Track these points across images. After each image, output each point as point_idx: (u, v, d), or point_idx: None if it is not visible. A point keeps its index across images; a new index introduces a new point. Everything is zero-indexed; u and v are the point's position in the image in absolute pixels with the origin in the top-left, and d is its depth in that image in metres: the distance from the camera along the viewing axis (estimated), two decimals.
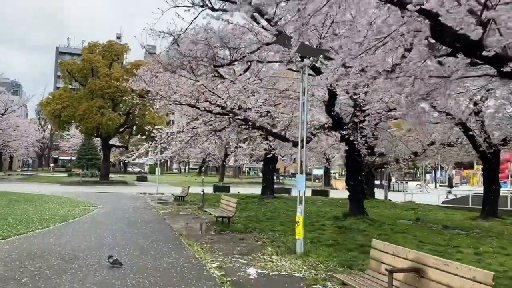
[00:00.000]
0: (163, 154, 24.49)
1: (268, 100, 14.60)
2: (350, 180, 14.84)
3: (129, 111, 36.50)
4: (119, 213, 16.16)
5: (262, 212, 17.58)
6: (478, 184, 74.18)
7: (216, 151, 42.99)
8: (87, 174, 47.26)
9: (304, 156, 9.78)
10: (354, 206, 14.91)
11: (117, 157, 68.35)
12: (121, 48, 38.38)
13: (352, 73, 7.24)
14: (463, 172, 78.86)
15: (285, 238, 11.47)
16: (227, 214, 13.20)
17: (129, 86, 21.06)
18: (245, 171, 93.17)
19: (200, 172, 75.35)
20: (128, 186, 35.74)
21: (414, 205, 23.87)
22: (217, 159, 60.46)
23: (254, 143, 27.24)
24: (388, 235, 12.37)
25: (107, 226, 12.76)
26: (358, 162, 14.71)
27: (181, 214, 16.85)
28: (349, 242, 11.09)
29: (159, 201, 22.11)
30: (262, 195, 23.24)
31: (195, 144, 24.70)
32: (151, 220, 14.66)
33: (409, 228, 14.01)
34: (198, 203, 20.61)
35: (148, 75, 15.19)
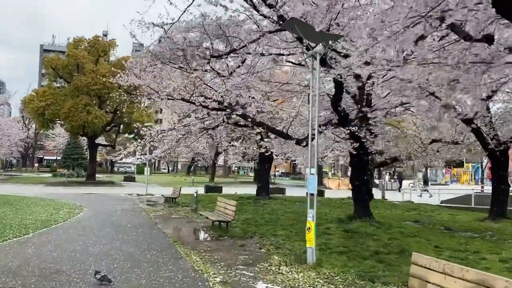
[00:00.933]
0: (152, 153, 23.36)
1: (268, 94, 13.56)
2: (355, 179, 13.90)
3: (116, 109, 35.19)
4: (107, 217, 15.00)
5: (259, 214, 16.56)
6: (469, 182, 74.46)
7: (207, 150, 41.86)
8: (73, 174, 45.76)
9: (315, 155, 8.79)
10: (359, 207, 13.98)
11: (104, 156, 66.77)
12: (108, 44, 37.02)
13: (379, 58, 6.24)
14: (453, 170, 78.94)
15: (290, 245, 10.46)
16: (225, 218, 12.15)
17: (117, 82, 19.91)
18: (234, 171, 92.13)
19: (189, 172, 74.11)
20: (115, 187, 34.43)
21: (414, 205, 23.07)
22: (207, 159, 59.38)
23: (248, 142, 26.24)
24: (400, 239, 11.46)
25: (93, 232, 11.62)
26: (364, 161, 13.78)
27: (174, 217, 15.75)
28: (360, 248, 10.14)
29: (148, 203, 20.98)
30: (257, 195, 22.23)
31: (186, 143, 23.66)
32: (141, 224, 13.54)
33: (419, 231, 13.11)
34: (191, 205, 19.51)
35: (138, 68, 14.02)
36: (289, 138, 12.57)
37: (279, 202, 21.26)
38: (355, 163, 13.76)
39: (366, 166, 13.99)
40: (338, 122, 12.17)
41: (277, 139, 14.80)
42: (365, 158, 13.79)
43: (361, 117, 12.83)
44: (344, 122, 12.32)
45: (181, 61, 12.20)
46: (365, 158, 13.76)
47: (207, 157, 56.57)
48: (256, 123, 12.72)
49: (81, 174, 45.78)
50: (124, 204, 19.73)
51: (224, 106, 12.64)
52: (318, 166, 33.17)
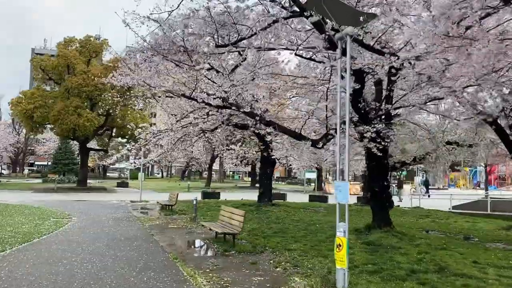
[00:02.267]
0: (147, 157, 21.92)
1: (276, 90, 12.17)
2: (374, 185, 12.53)
3: (109, 111, 33.64)
4: (97, 228, 13.52)
5: (265, 223, 15.14)
6: (467, 186, 73.56)
7: (203, 154, 40.36)
8: (63, 180, 44.03)
9: (347, 157, 7.42)
10: (379, 216, 12.62)
11: (96, 161, 65.04)
12: (100, 44, 35.46)
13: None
14: (450, 174, 78.06)
15: (309, 262, 9.06)
16: (231, 230, 10.70)
17: (109, 82, 18.53)
18: (229, 175, 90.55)
19: (183, 177, 72.44)
20: (107, 193, 32.81)
21: (425, 212, 21.77)
22: (201, 163, 57.84)
23: (248, 145, 24.90)
24: (430, 253, 10.11)
25: (81, 247, 10.14)
26: (383, 165, 12.44)
27: (171, 227, 14.29)
28: (391, 266, 8.77)
29: (143, 211, 19.49)
30: (259, 202, 20.80)
31: (183, 146, 22.28)
32: (136, 236, 12.08)
33: (447, 243, 11.75)
34: (189, 213, 18.05)
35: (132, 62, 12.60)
36: (303, 139, 11.19)
37: (283, 209, 19.84)
38: (374, 168, 12.40)
39: (386, 171, 12.66)
40: (359, 120, 10.81)
41: (287, 140, 13.37)
42: (385, 162, 12.45)
43: (384, 116, 11.50)
44: (365, 121, 10.97)
45: (182, 53, 10.83)
46: (385, 162, 12.42)
47: (202, 161, 55.06)
48: (266, 122, 11.34)
49: (72, 180, 44.06)
50: (117, 212, 18.23)
51: (229, 104, 11.25)
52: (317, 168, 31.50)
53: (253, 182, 51.89)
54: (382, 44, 10.97)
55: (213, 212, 18.43)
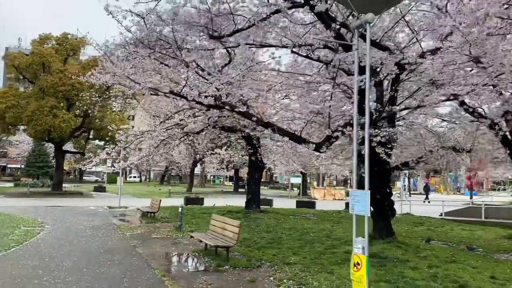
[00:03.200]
0: (127, 161, 20.69)
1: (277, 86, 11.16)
2: (374, 192, 11.64)
3: (87, 112, 32.07)
4: (74, 238, 12.29)
5: (256, 233, 14.14)
6: (448, 192, 73.98)
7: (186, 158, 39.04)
8: (37, 184, 42.06)
9: (367, 161, 6.51)
10: (380, 225, 11.78)
11: (72, 165, 62.88)
12: (78, 42, 33.85)
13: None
14: (431, 180, 78.54)
15: (314, 279, 8.11)
16: (224, 242, 9.65)
17: (88, 81, 17.30)
18: (210, 180, 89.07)
19: (162, 181, 70.78)
20: (84, 198, 31.26)
21: (417, 219, 21.11)
22: (182, 167, 56.38)
23: (234, 149, 23.89)
24: (441, 267, 9.30)
25: (55, 263, 8.96)
26: (386, 170, 11.61)
27: (155, 237, 13.15)
28: (405, 283, 7.92)
29: (123, 218, 18.24)
30: (247, 208, 19.79)
31: (166, 149, 21.16)
32: (117, 249, 10.91)
33: (454, 255, 10.98)
34: (173, 221, 16.94)
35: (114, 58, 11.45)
36: (304, 142, 10.24)
37: (272, 216, 18.86)
38: (375, 173, 11.52)
39: (388, 177, 11.83)
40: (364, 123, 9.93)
41: (287, 144, 12.39)
42: (387, 167, 11.63)
43: (387, 118, 10.68)
44: (370, 123, 10.11)
45: (169, 47, 9.79)
46: (387, 167, 11.59)
47: (183, 165, 53.65)
48: (264, 123, 10.36)
49: (46, 184, 42.13)
50: (95, 220, 16.95)
51: (222, 103, 10.23)
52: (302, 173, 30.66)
53: (236, 187, 50.84)
54: (389, 42, 10.22)
55: (198, 220, 17.36)
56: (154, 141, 18.16)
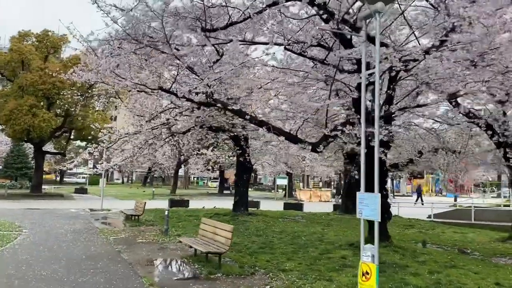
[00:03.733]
0: (110, 162, 19.95)
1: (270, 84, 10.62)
2: None
3: (68, 112, 31.11)
4: (54, 243, 11.59)
5: (246, 236, 13.61)
6: (430, 194, 74.53)
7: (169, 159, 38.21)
8: (15, 186, 40.74)
9: (376, 160, 6.08)
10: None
11: (52, 166, 61.36)
12: (59, 40, 32.84)
13: None
14: (414, 181, 79.11)
15: (313, 287, 7.63)
16: (216, 248, 9.10)
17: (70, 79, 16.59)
18: (193, 181, 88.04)
19: (145, 183, 69.63)
20: (65, 200, 30.26)
21: (406, 221, 20.85)
22: (165, 169, 55.46)
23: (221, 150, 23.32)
24: (443, 273, 8.94)
25: (33, 271, 8.29)
26: (383, 172, 11.21)
27: (140, 241, 12.53)
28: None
29: (106, 221, 17.53)
30: (235, 211, 19.22)
31: (150, 150, 20.49)
32: (100, 255, 10.26)
33: (452, 259, 10.64)
34: (158, 224, 16.32)
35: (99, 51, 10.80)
36: (300, 142, 9.76)
37: (261, 219, 18.35)
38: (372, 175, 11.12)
39: (385, 179, 11.44)
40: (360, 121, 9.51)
41: (284, 144, 11.88)
42: (384, 169, 11.24)
43: (384, 118, 10.29)
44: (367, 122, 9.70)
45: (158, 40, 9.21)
46: (384, 169, 11.20)
47: (166, 167, 52.74)
48: (257, 122, 9.84)
49: (25, 185, 40.84)
50: (76, 223, 16.20)
51: (213, 100, 9.69)
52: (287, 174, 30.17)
53: (221, 188, 50.19)
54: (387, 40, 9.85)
55: (185, 223, 16.76)
56: (139, 141, 17.52)
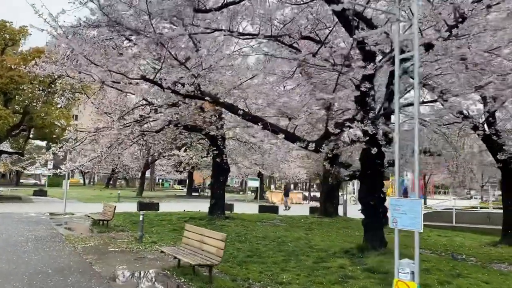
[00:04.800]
0: (76, 162, 18.44)
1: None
2: (367, 198, 10.50)
3: (27, 109, 29.01)
4: (12, 254, 10.17)
5: (229, 243, 12.45)
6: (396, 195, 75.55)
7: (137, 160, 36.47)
8: None
9: (416, 159, 5.20)
10: (373, 235, 10.59)
11: (8, 166, 57.98)
12: (18, 32, 30.65)
13: None
14: None
15: None
16: (205, 259, 8.03)
17: (30, 71, 15.12)
18: (158, 183, 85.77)
19: (108, 185, 67.08)
20: (23, 203, 28.14)
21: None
22: (129, 170, 53.43)
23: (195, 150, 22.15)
24: (452, 283, 8.29)
25: None
26: (379, 173, 10.46)
27: (112, 250, 11.27)
28: None
29: (71, 227, 16.03)
30: (211, 214, 18.12)
31: (121, 150, 19.15)
32: (69, 267, 8.98)
33: (455, 267, 10.00)
34: (129, 230, 15.07)
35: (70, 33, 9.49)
36: (299, 140, 8.83)
37: (239, 223, 17.34)
38: (369, 176, 10.37)
39: (382, 181, 10.70)
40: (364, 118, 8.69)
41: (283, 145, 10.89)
42: (382, 170, 10.49)
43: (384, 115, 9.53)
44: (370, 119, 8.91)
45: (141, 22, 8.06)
46: (382, 170, 10.46)
47: (131, 168, 50.75)
48: (251, 118, 8.84)
49: None
50: (38, 230, 14.66)
51: (200, 92, 8.63)
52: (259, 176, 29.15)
53: (190, 191, 48.82)
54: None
55: (159, 229, 15.53)
56: (108, 140, 16.18)
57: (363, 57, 8.08)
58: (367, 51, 7.91)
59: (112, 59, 8.06)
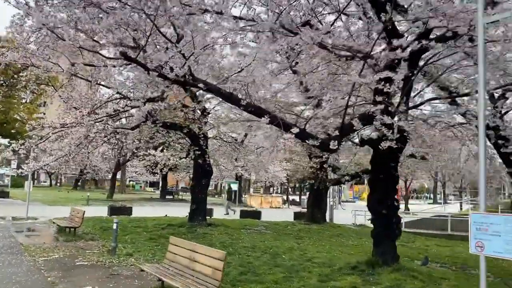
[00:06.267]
0: (40, 162, 16.47)
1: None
2: (379, 206, 9.18)
3: None
4: None
5: None
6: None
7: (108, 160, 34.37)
8: None
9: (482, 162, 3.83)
10: (385, 248, 9.28)
11: None
12: None
13: None
14: (355, 188, 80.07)
15: None
16: (200, 283, 6.46)
17: None
18: (129, 185, 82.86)
19: (76, 186, 64.12)
20: None
21: None
22: (98, 171, 50.97)
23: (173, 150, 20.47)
24: None
25: None
26: (393, 178, 9.17)
27: (81, 265, 9.58)
28: None
29: (32, 234, 14.16)
30: (191, 221, 16.49)
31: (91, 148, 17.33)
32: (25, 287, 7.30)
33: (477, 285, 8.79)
34: (99, 239, 13.37)
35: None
36: (311, 138, 7.42)
37: (223, 230, 15.80)
38: (381, 182, 9.05)
39: (395, 186, 9.41)
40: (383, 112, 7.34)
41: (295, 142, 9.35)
42: (396, 174, 9.21)
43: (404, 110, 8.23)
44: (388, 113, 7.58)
45: None
46: (395, 173, 9.17)
47: (100, 169, 48.33)
48: (255, 109, 7.37)
49: None
50: None
51: (192, 78, 7.11)
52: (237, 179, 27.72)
53: (163, 194, 46.78)
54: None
55: (133, 237, 13.84)
56: (77, 136, 14.39)
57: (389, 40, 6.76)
58: (396, 32, 6.59)
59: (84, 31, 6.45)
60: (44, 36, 7.84)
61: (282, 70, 9.55)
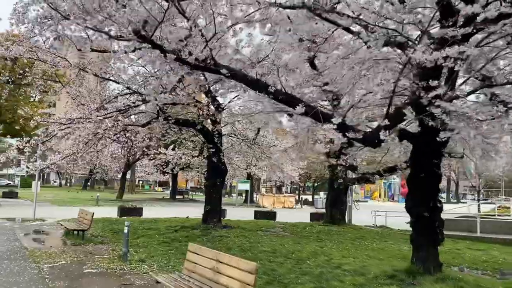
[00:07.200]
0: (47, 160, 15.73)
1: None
2: (419, 207, 8.21)
3: None
4: None
5: None
6: (383, 199, 74.02)
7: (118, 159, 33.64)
8: None
9: None
10: (426, 254, 8.31)
11: None
12: None
13: None
14: (366, 186, 78.71)
15: None
16: None
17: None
18: (138, 185, 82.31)
19: (85, 186, 63.76)
20: None
21: (399, 233, 18.29)
22: (108, 171, 50.36)
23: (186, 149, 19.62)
24: None
25: None
26: (436, 176, 8.20)
27: (89, 273, 8.73)
28: None
29: (38, 238, 13.39)
30: (205, 223, 15.62)
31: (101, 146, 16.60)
32: None
33: None
34: (110, 242, 12.55)
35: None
36: (353, 130, 6.44)
37: (239, 233, 14.91)
38: (422, 181, 8.09)
39: (438, 185, 8.43)
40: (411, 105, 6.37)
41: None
42: (440, 172, 8.24)
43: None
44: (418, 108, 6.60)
45: None
46: (439, 172, 8.20)
47: (110, 169, 47.68)
48: (288, 98, 6.41)
49: None
50: None
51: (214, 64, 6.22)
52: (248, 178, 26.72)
53: (174, 194, 46.01)
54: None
55: (145, 240, 12.99)
56: (85, 134, 13.62)
57: (442, 16, 5.82)
58: (451, 9, 5.64)
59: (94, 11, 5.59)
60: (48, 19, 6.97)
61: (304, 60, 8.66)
